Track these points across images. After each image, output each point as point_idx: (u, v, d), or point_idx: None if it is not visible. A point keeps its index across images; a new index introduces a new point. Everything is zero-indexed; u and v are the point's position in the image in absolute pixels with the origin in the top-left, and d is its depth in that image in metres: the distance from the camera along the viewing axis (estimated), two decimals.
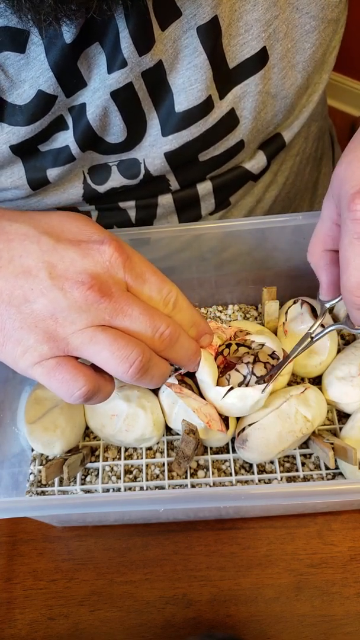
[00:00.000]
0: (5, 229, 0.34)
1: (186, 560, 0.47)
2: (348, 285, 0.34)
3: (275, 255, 0.50)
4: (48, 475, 0.42)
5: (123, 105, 0.43)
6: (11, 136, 0.43)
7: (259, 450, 0.42)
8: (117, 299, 0.33)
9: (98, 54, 0.40)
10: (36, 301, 0.32)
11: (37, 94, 0.40)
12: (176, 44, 0.41)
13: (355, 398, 0.45)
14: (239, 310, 0.55)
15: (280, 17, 0.43)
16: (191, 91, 0.43)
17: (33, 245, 0.33)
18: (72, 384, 0.32)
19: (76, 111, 0.43)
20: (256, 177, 0.55)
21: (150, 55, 0.40)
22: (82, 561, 0.47)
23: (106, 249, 0.33)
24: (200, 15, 0.40)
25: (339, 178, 0.36)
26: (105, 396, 0.35)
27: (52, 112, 0.42)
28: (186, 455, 0.43)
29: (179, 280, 0.40)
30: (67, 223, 0.35)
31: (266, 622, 0.44)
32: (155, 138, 0.46)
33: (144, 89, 0.42)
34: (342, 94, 1.52)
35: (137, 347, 0.33)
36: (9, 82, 0.40)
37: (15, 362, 0.33)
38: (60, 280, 0.32)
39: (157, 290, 0.35)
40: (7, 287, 0.33)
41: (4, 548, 0.48)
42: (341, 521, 0.47)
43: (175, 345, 0.35)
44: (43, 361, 0.33)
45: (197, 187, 0.52)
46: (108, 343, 0.32)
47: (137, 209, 0.52)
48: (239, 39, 0.43)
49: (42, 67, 0.39)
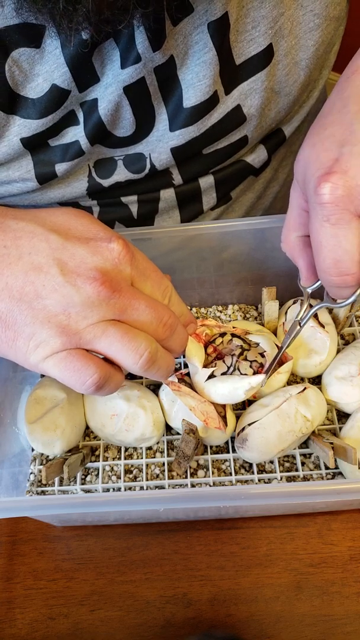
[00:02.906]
0: (11, 227, 0.35)
1: (186, 560, 0.47)
2: (324, 266, 0.35)
3: (275, 255, 0.51)
4: (48, 475, 0.42)
5: (134, 99, 0.43)
6: (23, 129, 0.43)
7: (259, 450, 0.42)
8: (126, 294, 0.34)
9: (112, 50, 0.41)
10: (48, 297, 0.33)
11: (50, 88, 0.41)
12: (187, 40, 0.42)
13: (355, 398, 0.45)
14: (239, 310, 0.55)
15: (286, 14, 0.44)
16: (199, 87, 0.44)
17: (42, 243, 0.34)
18: (84, 371, 0.33)
19: (87, 106, 0.43)
20: (257, 172, 0.55)
21: (162, 51, 0.41)
22: (82, 561, 0.47)
23: (114, 246, 0.34)
24: (211, 11, 0.40)
25: (302, 162, 0.36)
26: (115, 386, 0.36)
27: (64, 107, 0.43)
28: (186, 454, 0.43)
29: (179, 280, 0.40)
30: (73, 221, 0.36)
31: (266, 622, 0.44)
32: (163, 133, 0.46)
33: (155, 85, 0.43)
34: None
35: (146, 340, 0.35)
36: (23, 76, 0.41)
37: (26, 357, 0.34)
38: (72, 276, 0.33)
39: (157, 286, 0.37)
40: (18, 284, 0.33)
41: (4, 548, 0.48)
42: (341, 521, 0.47)
43: (174, 333, 0.37)
44: (54, 354, 0.33)
45: (199, 181, 0.52)
46: (119, 336, 0.34)
47: (139, 203, 0.52)
48: (246, 36, 0.43)
49: (57, 61, 0.40)
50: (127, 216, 0.53)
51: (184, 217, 0.55)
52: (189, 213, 0.55)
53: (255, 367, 0.42)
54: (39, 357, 0.33)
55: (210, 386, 0.42)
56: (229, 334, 0.44)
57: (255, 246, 0.50)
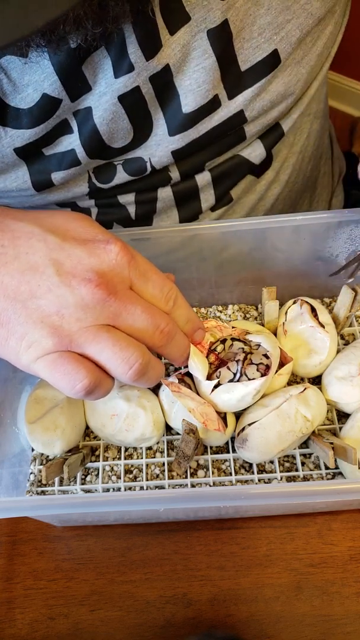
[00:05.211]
0: (10, 227, 0.35)
1: (186, 560, 0.47)
2: None
3: (275, 255, 0.51)
4: (48, 475, 0.42)
5: (130, 108, 0.43)
6: (15, 139, 0.43)
7: (259, 450, 0.42)
8: (122, 297, 0.34)
9: (103, 59, 0.40)
10: (43, 297, 0.33)
11: (41, 97, 0.41)
12: (185, 48, 0.41)
13: (355, 398, 0.45)
14: (239, 310, 0.55)
15: (293, 22, 0.44)
16: (199, 92, 0.43)
17: (39, 243, 0.34)
18: (74, 376, 0.33)
19: (81, 115, 0.43)
20: (258, 172, 0.55)
21: (157, 60, 0.40)
22: (82, 561, 0.47)
23: (112, 248, 0.34)
24: (210, 19, 0.40)
25: None
26: (105, 391, 0.35)
27: (56, 116, 0.42)
28: (186, 455, 0.43)
29: (179, 280, 0.40)
30: (72, 223, 0.35)
31: (266, 622, 0.44)
32: (162, 138, 0.46)
33: (152, 93, 0.43)
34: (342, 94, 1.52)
35: (138, 350, 0.34)
36: (12, 86, 0.40)
37: (17, 357, 0.34)
38: (68, 277, 0.33)
39: (159, 288, 0.36)
40: (13, 283, 0.33)
41: (4, 548, 0.48)
42: (341, 521, 0.47)
43: (172, 341, 0.37)
44: (45, 355, 0.33)
45: (196, 178, 0.52)
46: (111, 344, 0.33)
47: (137, 204, 0.52)
48: (252, 42, 0.43)
49: (46, 70, 0.39)
50: (125, 217, 0.53)
51: (183, 216, 0.55)
52: (187, 212, 0.55)
53: (262, 369, 0.41)
54: (31, 357, 0.33)
55: (217, 397, 0.42)
56: (229, 338, 0.44)
57: (255, 246, 0.50)
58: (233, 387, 0.41)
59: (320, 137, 0.63)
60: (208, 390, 0.42)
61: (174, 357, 0.39)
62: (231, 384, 0.41)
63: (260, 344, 0.43)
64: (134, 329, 0.34)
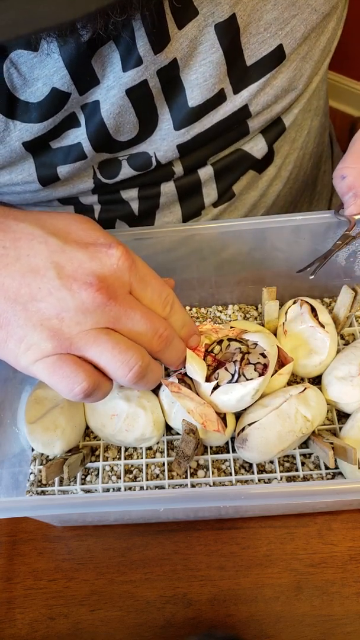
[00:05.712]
0: (12, 228, 0.35)
1: (186, 560, 0.47)
2: None
3: (275, 255, 0.51)
4: (48, 475, 0.42)
5: (137, 102, 0.43)
6: (24, 133, 0.43)
7: (259, 450, 0.42)
8: (122, 302, 0.34)
9: (112, 52, 0.40)
10: (43, 300, 0.33)
11: (51, 91, 0.41)
12: (193, 42, 0.42)
13: (355, 398, 0.45)
14: (239, 310, 0.55)
15: (298, 17, 0.44)
16: (205, 85, 0.44)
17: (41, 245, 0.34)
18: (72, 379, 0.33)
19: (89, 109, 0.43)
20: (258, 165, 0.55)
21: (165, 53, 0.41)
22: (82, 561, 0.47)
23: (114, 252, 0.34)
24: (218, 13, 0.41)
25: None
26: (103, 394, 0.35)
27: (65, 110, 0.43)
28: (186, 455, 0.43)
29: (179, 280, 0.40)
30: (73, 225, 0.35)
31: (266, 622, 0.44)
32: (167, 132, 0.46)
33: (158, 87, 0.43)
34: (342, 94, 1.52)
35: (138, 353, 0.34)
36: (22, 80, 0.41)
37: (16, 359, 0.34)
38: (69, 280, 0.33)
39: (158, 293, 0.36)
40: (14, 285, 0.33)
41: (4, 548, 0.48)
42: (341, 521, 0.47)
43: (170, 346, 0.37)
44: (44, 358, 0.33)
45: (199, 172, 0.52)
46: (110, 347, 0.33)
47: (140, 200, 0.52)
48: (258, 37, 0.44)
49: (56, 65, 0.40)
50: (128, 213, 0.53)
51: (185, 212, 0.55)
52: (190, 208, 0.55)
53: (259, 369, 0.41)
54: (29, 359, 0.33)
55: (217, 399, 0.42)
56: (226, 339, 0.44)
57: (255, 246, 0.50)
58: (232, 388, 0.41)
59: (320, 134, 0.63)
60: (208, 392, 0.42)
61: (171, 362, 0.39)
62: (230, 385, 0.41)
63: (257, 343, 0.43)
64: (133, 333, 0.34)
